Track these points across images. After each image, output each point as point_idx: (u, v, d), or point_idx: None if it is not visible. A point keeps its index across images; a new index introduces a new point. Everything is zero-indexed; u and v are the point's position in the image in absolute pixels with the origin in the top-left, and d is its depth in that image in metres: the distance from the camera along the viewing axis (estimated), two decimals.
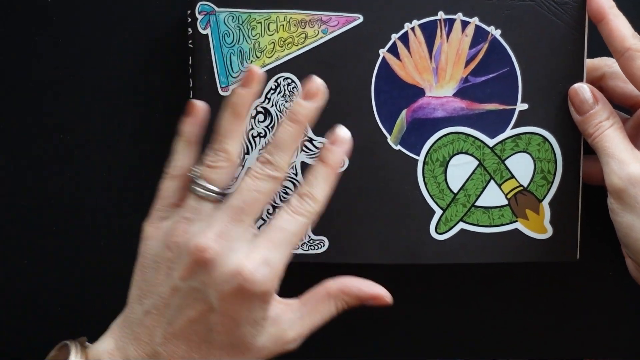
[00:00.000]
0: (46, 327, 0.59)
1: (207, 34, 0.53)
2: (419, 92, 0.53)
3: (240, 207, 0.48)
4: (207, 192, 0.49)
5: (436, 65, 0.53)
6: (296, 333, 0.50)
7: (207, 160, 0.49)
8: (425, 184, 0.54)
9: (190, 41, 0.53)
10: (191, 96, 0.53)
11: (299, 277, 0.58)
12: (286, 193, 0.54)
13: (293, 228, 0.48)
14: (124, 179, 0.58)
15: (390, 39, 0.53)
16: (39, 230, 0.58)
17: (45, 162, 0.58)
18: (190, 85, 0.54)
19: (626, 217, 0.50)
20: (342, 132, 0.51)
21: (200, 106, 0.52)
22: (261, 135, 0.54)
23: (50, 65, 0.57)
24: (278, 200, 0.54)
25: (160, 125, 0.57)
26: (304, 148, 0.53)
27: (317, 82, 0.50)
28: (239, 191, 0.48)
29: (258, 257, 0.47)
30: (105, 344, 0.49)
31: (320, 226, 0.54)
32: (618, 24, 0.51)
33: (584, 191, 0.54)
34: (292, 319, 0.50)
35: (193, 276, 0.47)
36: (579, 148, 0.53)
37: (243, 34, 0.53)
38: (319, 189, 0.50)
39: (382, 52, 0.53)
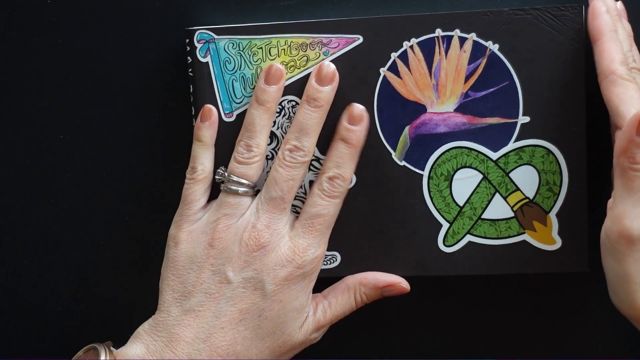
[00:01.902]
0: (44, 329, 0.61)
1: (207, 62, 0.54)
2: (421, 108, 0.54)
3: (280, 197, 0.52)
4: (244, 188, 0.52)
5: (436, 82, 0.53)
6: (321, 324, 0.53)
7: (240, 157, 0.53)
8: (431, 198, 0.54)
9: (190, 69, 0.55)
10: (194, 123, 0.55)
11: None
12: (296, 212, 0.55)
13: (331, 211, 0.52)
14: (124, 179, 0.59)
15: (390, 57, 0.53)
16: (39, 230, 0.59)
17: (45, 162, 0.59)
18: (193, 113, 0.55)
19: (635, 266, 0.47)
20: (358, 110, 0.53)
21: (214, 110, 0.54)
22: (268, 157, 0.55)
23: (50, 66, 0.58)
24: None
25: (160, 131, 0.58)
26: (312, 167, 0.54)
27: (331, 67, 0.53)
28: (276, 182, 0.52)
29: (306, 243, 0.51)
30: (134, 349, 0.51)
31: (332, 242, 0.55)
32: (611, 46, 0.50)
33: (591, 201, 0.54)
34: (319, 310, 0.53)
35: (247, 266, 0.51)
36: (584, 158, 0.53)
37: (244, 60, 0.54)
38: (347, 168, 0.53)
39: (383, 70, 0.54)
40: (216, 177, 0.54)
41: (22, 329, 0.60)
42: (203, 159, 0.54)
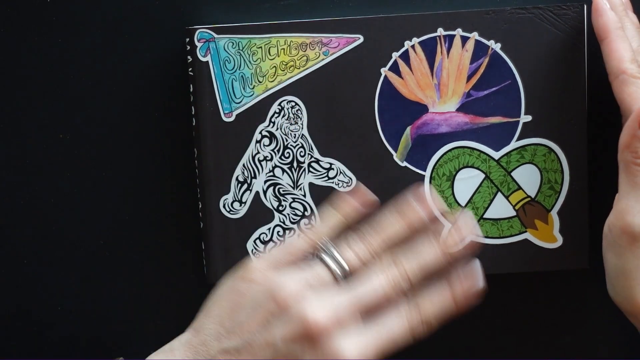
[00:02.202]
0: (44, 328, 0.60)
1: (207, 61, 0.54)
2: (422, 108, 0.54)
3: (367, 302, 0.48)
4: (339, 272, 0.49)
5: (438, 81, 0.53)
6: None
7: (354, 245, 0.49)
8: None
9: (190, 69, 0.54)
10: (194, 123, 0.55)
11: None
12: (295, 214, 0.55)
13: (401, 341, 0.49)
14: (124, 179, 0.59)
15: (391, 57, 0.53)
16: (39, 230, 0.59)
17: (45, 162, 0.58)
18: (193, 112, 0.55)
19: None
20: (478, 279, 0.50)
21: (370, 199, 0.51)
22: (267, 158, 0.55)
23: (50, 66, 0.58)
24: (288, 222, 0.55)
25: (160, 131, 0.58)
26: (311, 169, 0.54)
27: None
28: (373, 288, 0.48)
29: (363, 353, 0.47)
30: None
31: None
32: (618, 45, 0.49)
33: (592, 199, 0.54)
34: None
35: (298, 342, 0.47)
36: (585, 157, 0.53)
37: (244, 60, 0.54)
38: (438, 320, 0.49)
39: (384, 70, 0.53)
40: (320, 245, 0.50)
41: (22, 329, 0.60)
42: (327, 223, 0.51)
